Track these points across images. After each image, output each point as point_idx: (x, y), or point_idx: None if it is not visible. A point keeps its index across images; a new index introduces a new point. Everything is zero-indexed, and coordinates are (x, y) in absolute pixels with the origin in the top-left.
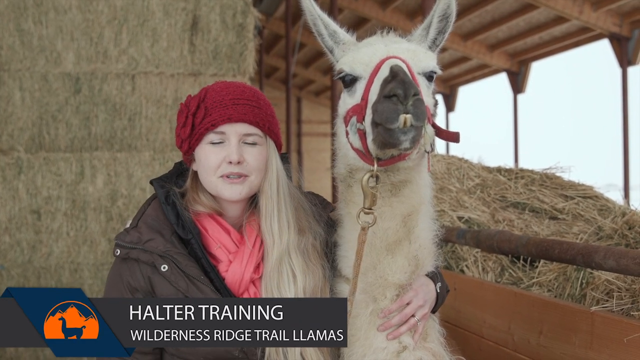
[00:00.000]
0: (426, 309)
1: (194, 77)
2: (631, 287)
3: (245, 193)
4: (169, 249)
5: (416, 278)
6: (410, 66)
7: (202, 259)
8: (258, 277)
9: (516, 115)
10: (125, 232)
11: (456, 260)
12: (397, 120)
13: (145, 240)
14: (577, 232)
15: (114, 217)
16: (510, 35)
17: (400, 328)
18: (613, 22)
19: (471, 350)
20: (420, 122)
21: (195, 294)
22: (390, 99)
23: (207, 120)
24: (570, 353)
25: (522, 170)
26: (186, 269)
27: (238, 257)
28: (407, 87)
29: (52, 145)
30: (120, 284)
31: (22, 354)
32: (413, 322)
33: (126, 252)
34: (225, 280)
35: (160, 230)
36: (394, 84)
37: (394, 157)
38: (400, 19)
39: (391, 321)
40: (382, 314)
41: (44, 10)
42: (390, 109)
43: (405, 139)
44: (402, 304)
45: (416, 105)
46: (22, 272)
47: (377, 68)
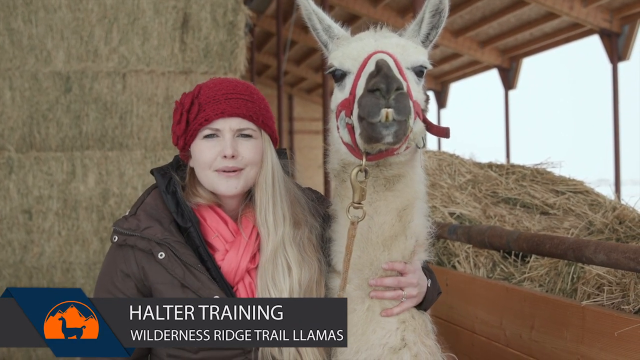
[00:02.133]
0: (415, 292)
1: (185, 75)
2: (621, 281)
3: (241, 187)
4: (166, 236)
5: (415, 262)
6: (398, 61)
7: (200, 247)
8: (254, 267)
9: (507, 111)
10: (124, 219)
11: (448, 256)
12: (378, 114)
13: (143, 228)
14: (568, 227)
15: (105, 216)
16: (501, 31)
17: (386, 293)
18: (603, 18)
19: (463, 346)
20: (402, 117)
21: (192, 282)
22: (373, 93)
23: (201, 116)
24: (561, 347)
25: (513, 166)
26: (183, 256)
27: (234, 246)
28: (390, 81)
29: (43, 144)
30: (113, 270)
31: (15, 354)
32: (399, 294)
33: (124, 238)
34: (221, 269)
35: (159, 218)
36: (377, 79)
37: (381, 152)
38: (391, 16)
39: (384, 280)
40: (386, 265)
41: (34, 9)
42: (372, 103)
43: (388, 133)
44: (403, 269)
45: (398, 100)
46: (13, 272)
47: (364, 63)
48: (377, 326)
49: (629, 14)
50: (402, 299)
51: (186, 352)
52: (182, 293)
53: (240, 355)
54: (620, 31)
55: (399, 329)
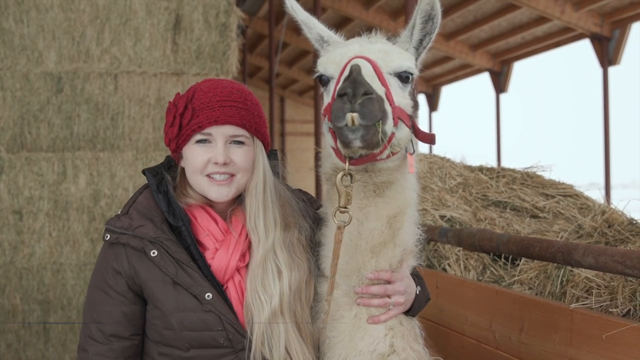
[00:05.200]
0: (402, 299)
1: (177, 76)
2: (610, 284)
3: (232, 194)
4: (159, 235)
5: (404, 269)
6: (378, 66)
7: (192, 246)
8: (243, 265)
9: (498, 114)
10: (116, 218)
11: (438, 258)
12: (343, 118)
13: (135, 226)
14: (557, 230)
15: (96, 217)
16: (492, 35)
17: (372, 300)
18: (594, 22)
19: (453, 348)
20: (367, 121)
21: (184, 279)
22: (341, 98)
23: (194, 122)
24: (550, 350)
25: (503, 169)
26: (176, 254)
27: (224, 245)
28: (357, 86)
29: (33, 145)
30: (104, 267)
31: (4, 355)
32: (386, 302)
33: (116, 236)
34: (211, 268)
35: (151, 217)
36: (345, 83)
37: (362, 157)
38: (384, 19)
39: (370, 288)
40: (372, 274)
41: (25, 8)
42: (337, 108)
43: (354, 137)
44: (390, 278)
45: (364, 105)
46: (3, 273)
47: (344, 68)
48: (365, 333)
49: (619, 18)
50: (389, 306)
51: (177, 351)
52: (174, 291)
53: (230, 354)
54: (610, 35)
55: (387, 335)
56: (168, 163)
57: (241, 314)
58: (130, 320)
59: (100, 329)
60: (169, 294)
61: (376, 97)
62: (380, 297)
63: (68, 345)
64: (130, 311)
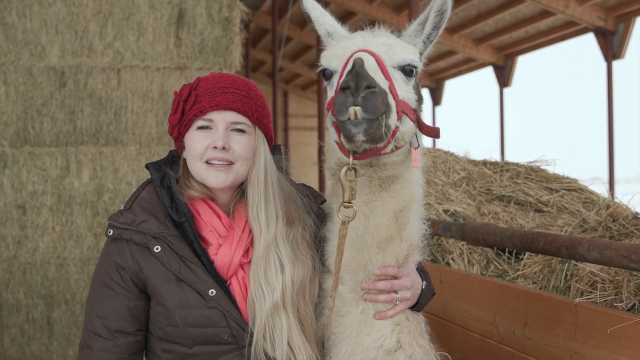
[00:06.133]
0: (409, 294)
1: (180, 71)
2: (614, 278)
3: (230, 181)
4: (162, 230)
5: (410, 264)
6: (381, 59)
7: (194, 241)
8: (247, 261)
9: (502, 108)
10: (119, 214)
11: (442, 253)
12: (346, 112)
13: (139, 222)
14: (561, 224)
15: (100, 212)
16: (496, 29)
17: (379, 296)
18: (598, 16)
19: (457, 343)
20: (370, 115)
21: (188, 275)
22: (344, 92)
23: (196, 107)
24: (554, 344)
25: (507, 164)
26: (179, 250)
27: (228, 241)
28: (359, 79)
29: (37, 139)
30: (108, 262)
31: (9, 350)
32: (393, 297)
33: (119, 232)
34: (215, 264)
35: (155, 212)
36: (348, 77)
37: (366, 151)
38: (387, 13)
39: (377, 284)
40: (378, 270)
41: (28, 3)
42: (340, 101)
43: (357, 131)
44: (397, 273)
45: (367, 98)
46: (7, 268)
47: (347, 62)
48: (372, 329)
49: (623, 12)
50: (396, 302)
51: (180, 347)
52: (178, 287)
53: (234, 350)
54: (615, 29)
55: (394, 331)
56: (171, 158)
57: (245, 310)
58: (135, 315)
59: (105, 325)
60: (172, 290)
61: (379, 90)
62: (387, 293)
63: (72, 340)
64: (134, 306)
